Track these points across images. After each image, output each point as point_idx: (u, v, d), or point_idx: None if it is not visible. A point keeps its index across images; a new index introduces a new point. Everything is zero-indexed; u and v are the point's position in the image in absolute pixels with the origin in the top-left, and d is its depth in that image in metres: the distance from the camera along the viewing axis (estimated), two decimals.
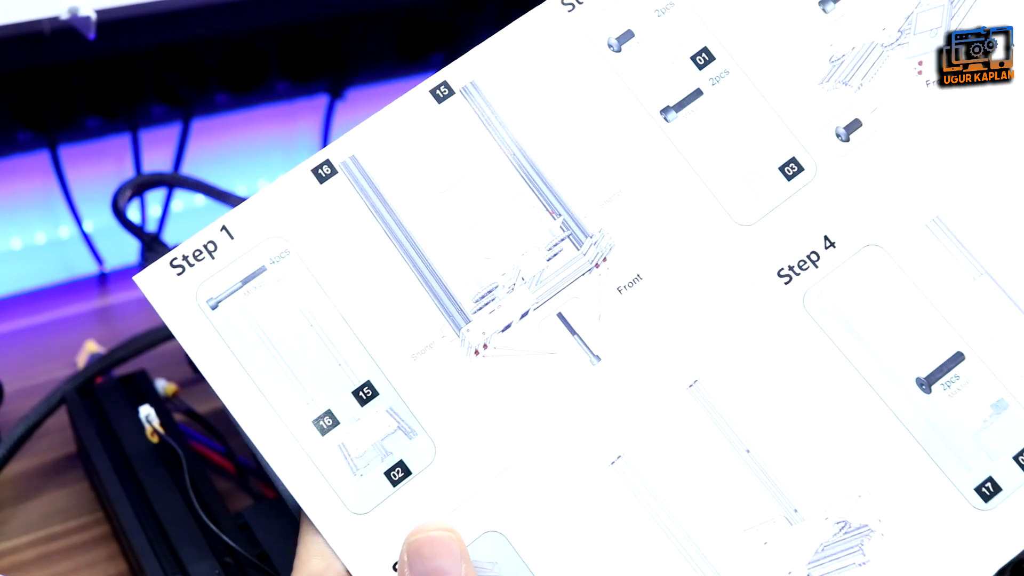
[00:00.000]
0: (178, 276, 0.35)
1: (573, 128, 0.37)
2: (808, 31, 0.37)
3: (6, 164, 0.72)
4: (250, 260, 0.36)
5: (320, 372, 0.35)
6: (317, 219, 0.36)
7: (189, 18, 0.71)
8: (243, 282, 0.36)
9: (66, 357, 0.65)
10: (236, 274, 0.35)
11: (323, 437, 0.34)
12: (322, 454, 0.34)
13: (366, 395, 0.35)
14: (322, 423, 0.35)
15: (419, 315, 0.36)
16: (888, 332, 0.34)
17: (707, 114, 0.36)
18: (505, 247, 0.36)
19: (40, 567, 0.52)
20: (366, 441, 0.34)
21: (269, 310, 0.35)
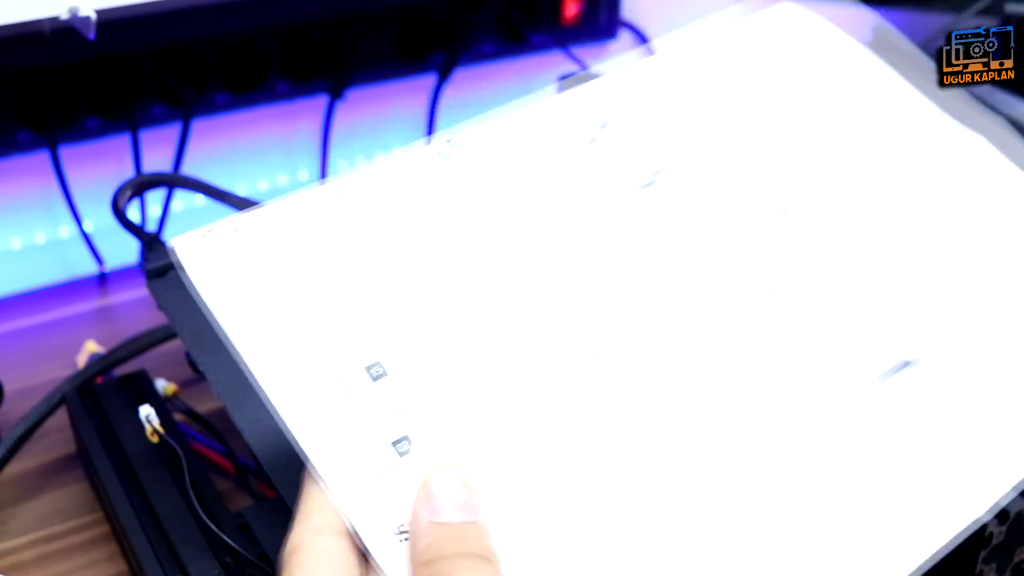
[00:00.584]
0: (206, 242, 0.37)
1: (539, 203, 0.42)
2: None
3: (6, 164, 0.72)
4: (272, 241, 0.38)
5: (334, 345, 0.36)
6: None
7: (189, 18, 0.71)
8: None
9: (66, 357, 0.65)
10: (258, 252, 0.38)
11: (336, 403, 0.35)
12: (339, 415, 0.35)
13: (377, 373, 0.36)
14: (333, 390, 0.36)
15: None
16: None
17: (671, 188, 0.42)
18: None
19: (40, 567, 0.52)
20: (376, 415, 0.36)
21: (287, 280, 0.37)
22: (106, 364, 0.58)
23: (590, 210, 0.41)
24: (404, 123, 0.87)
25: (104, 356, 0.59)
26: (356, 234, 0.39)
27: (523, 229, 0.40)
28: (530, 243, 0.40)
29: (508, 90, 0.91)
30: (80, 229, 0.75)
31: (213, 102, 0.76)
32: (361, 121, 0.84)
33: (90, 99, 0.72)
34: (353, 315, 0.37)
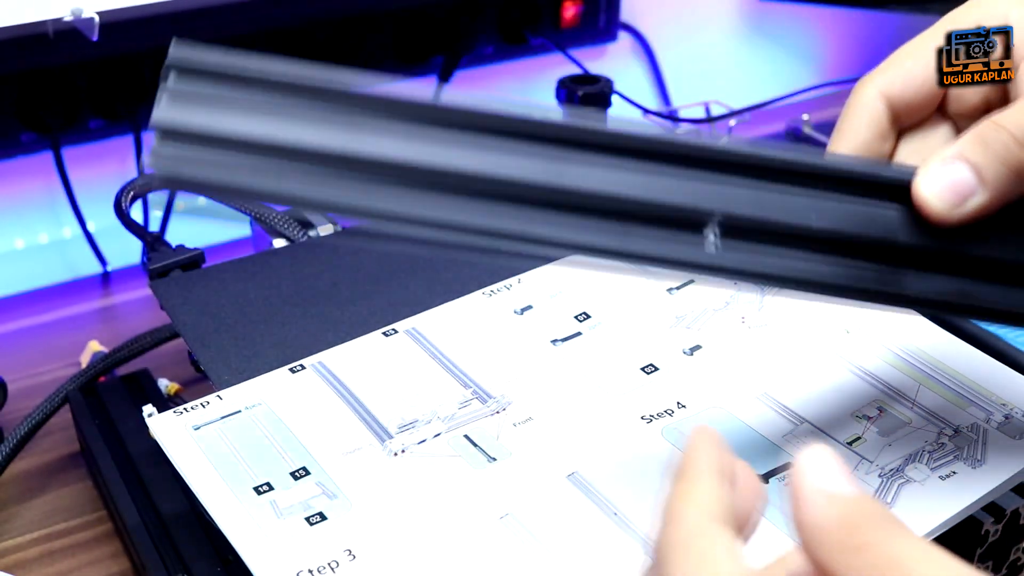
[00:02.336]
0: (176, 416, 0.47)
1: (489, 348, 0.51)
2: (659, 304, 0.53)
3: (10, 165, 0.72)
4: (230, 407, 0.47)
5: (266, 461, 0.44)
6: (288, 392, 0.49)
7: (191, 20, 0.72)
8: (222, 417, 0.47)
9: (69, 356, 0.65)
10: (218, 413, 0.47)
11: (259, 496, 0.43)
12: (254, 506, 0.42)
13: (300, 474, 0.44)
14: (260, 488, 0.43)
15: (354, 433, 0.46)
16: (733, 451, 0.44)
17: (585, 344, 0.51)
18: (429, 401, 0.48)
19: (43, 565, 0.52)
20: (293, 499, 0.43)
21: (237, 430, 0.46)
22: (109, 363, 0.58)
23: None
24: None
25: (107, 355, 0.59)
26: (301, 411, 0.47)
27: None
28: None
29: (508, 91, 0.91)
30: (83, 229, 0.75)
31: None
32: None
33: (93, 100, 0.72)
34: (283, 442, 0.46)
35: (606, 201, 0.34)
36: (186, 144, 0.32)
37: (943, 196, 0.36)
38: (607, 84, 0.76)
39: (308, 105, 0.33)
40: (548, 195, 0.34)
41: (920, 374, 0.48)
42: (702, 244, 0.35)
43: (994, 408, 0.46)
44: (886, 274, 0.36)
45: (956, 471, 0.43)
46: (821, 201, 0.36)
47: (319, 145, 0.33)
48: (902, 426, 0.46)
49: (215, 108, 0.32)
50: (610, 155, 0.34)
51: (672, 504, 0.28)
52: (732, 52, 1.02)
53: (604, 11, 0.90)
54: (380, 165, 0.33)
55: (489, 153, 0.33)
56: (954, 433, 0.45)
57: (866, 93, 0.40)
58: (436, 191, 0.33)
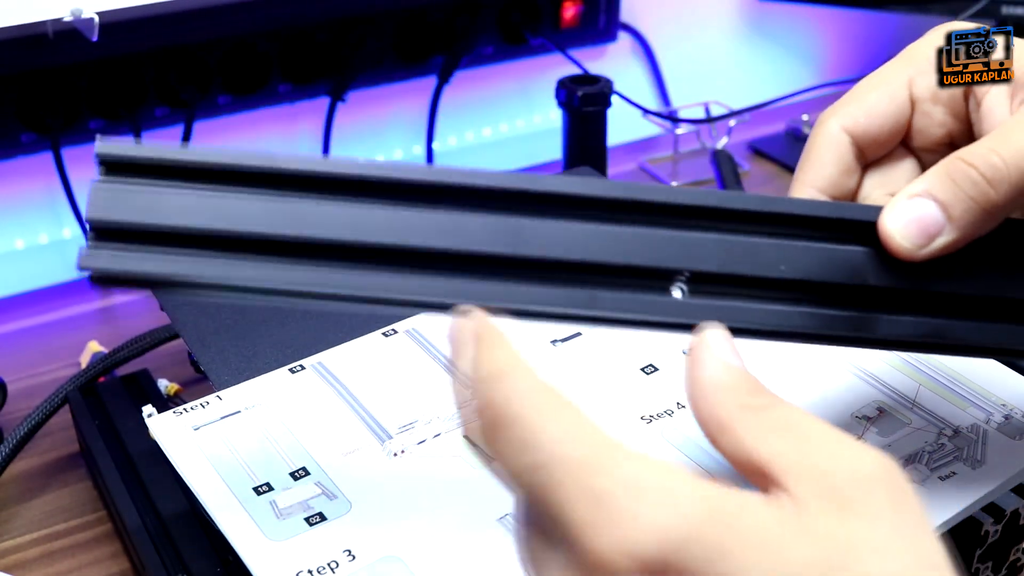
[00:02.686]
0: (176, 416, 0.47)
1: None
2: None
3: (9, 165, 0.72)
4: (230, 407, 0.48)
5: (266, 462, 0.45)
6: (287, 393, 0.49)
7: (191, 20, 0.72)
8: (221, 418, 0.47)
9: (69, 357, 0.65)
10: (218, 414, 0.47)
11: (258, 497, 0.43)
12: (254, 506, 0.42)
13: (300, 475, 0.44)
14: (259, 489, 0.43)
15: (353, 434, 0.46)
16: None
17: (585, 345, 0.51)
18: (428, 401, 0.48)
19: (43, 565, 0.52)
20: (293, 500, 0.43)
21: (236, 430, 0.46)
22: (109, 364, 0.58)
23: None
24: (404, 125, 0.87)
25: (107, 356, 0.59)
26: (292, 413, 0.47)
27: None
28: None
29: (508, 92, 0.91)
30: (83, 230, 0.75)
31: (215, 104, 0.77)
32: (362, 123, 0.85)
33: (93, 101, 0.72)
34: (284, 443, 0.46)
35: (568, 266, 0.33)
36: (119, 241, 0.32)
37: (910, 234, 0.35)
38: (607, 84, 0.76)
39: (241, 189, 0.33)
40: (508, 264, 0.33)
41: (920, 375, 0.48)
42: (669, 300, 0.34)
43: (994, 409, 0.46)
44: (858, 318, 0.36)
45: (956, 472, 0.43)
46: (788, 247, 0.35)
47: (255, 232, 0.32)
48: (902, 427, 0.46)
49: (146, 201, 0.32)
50: (568, 215, 0.34)
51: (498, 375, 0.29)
52: (732, 52, 1.02)
53: (604, 11, 0.90)
54: (322, 246, 0.32)
55: (444, 227, 0.33)
56: (954, 434, 0.45)
57: (829, 127, 0.40)
58: (385, 268, 0.33)
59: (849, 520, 0.26)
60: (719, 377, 0.30)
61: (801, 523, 0.26)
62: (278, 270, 0.32)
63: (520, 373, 0.28)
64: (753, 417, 0.29)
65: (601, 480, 0.25)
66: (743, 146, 0.92)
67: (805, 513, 0.26)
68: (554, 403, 0.27)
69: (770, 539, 0.25)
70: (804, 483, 0.27)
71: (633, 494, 0.25)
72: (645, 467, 0.26)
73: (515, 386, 0.28)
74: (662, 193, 0.34)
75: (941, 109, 0.39)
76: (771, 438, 0.28)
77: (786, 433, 0.28)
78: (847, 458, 0.27)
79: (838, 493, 0.27)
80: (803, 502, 0.26)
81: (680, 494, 0.25)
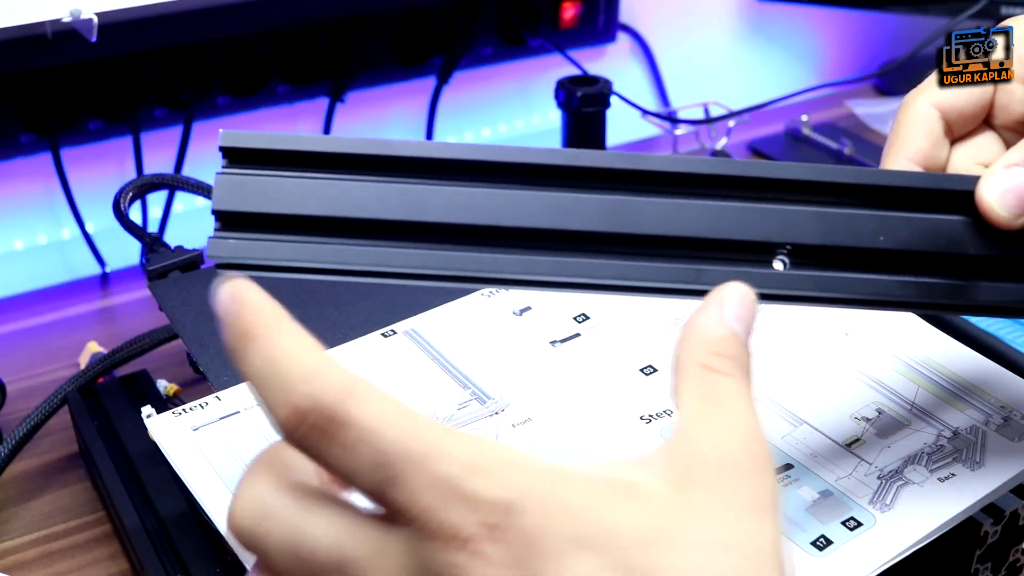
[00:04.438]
0: (175, 417, 0.47)
1: (488, 349, 0.51)
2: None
3: (9, 166, 0.72)
4: (229, 408, 0.47)
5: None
6: None
7: (190, 21, 0.72)
8: (220, 418, 0.47)
9: (68, 357, 0.65)
10: (217, 414, 0.47)
11: None
12: None
13: None
14: None
15: None
16: None
17: (584, 345, 0.51)
18: (428, 402, 0.47)
19: (42, 566, 0.52)
20: None
21: (236, 431, 0.46)
22: (108, 364, 0.58)
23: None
24: (404, 125, 0.87)
25: (106, 356, 0.59)
26: None
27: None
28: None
29: (507, 92, 0.91)
30: (82, 230, 0.75)
31: (214, 104, 0.76)
32: (361, 123, 0.84)
33: (92, 101, 0.72)
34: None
35: (674, 242, 0.35)
36: (244, 229, 0.34)
37: (1007, 204, 0.36)
38: (606, 85, 0.76)
39: (359, 175, 0.34)
40: (615, 242, 0.34)
41: (919, 376, 0.48)
42: (772, 272, 0.35)
43: (993, 410, 0.46)
44: (957, 286, 0.37)
45: (955, 473, 0.43)
46: (887, 218, 0.36)
47: (372, 216, 0.34)
48: (901, 428, 0.46)
49: (268, 189, 0.34)
50: (672, 192, 0.35)
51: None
52: (731, 52, 1.02)
53: (603, 12, 0.90)
54: (435, 227, 0.34)
55: (552, 206, 0.34)
56: (953, 435, 0.45)
57: (919, 104, 0.41)
58: (493, 248, 0.34)
59: (692, 494, 0.28)
60: (707, 328, 0.32)
61: (636, 491, 0.28)
62: (396, 253, 0.34)
63: (332, 368, 0.28)
64: (700, 376, 0.31)
65: (443, 467, 0.27)
66: (742, 147, 0.92)
67: (651, 483, 0.29)
68: (378, 399, 0.28)
69: (597, 503, 0.28)
70: (673, 452, 0.29)
71: (472, 471, 0.27)
72: (479, 447, 0.28)
73: (333, 384, 0.28)
74: (763, 168, 0.35)
75: (1022, 88, 0.40)
76: (694, 402, 0.31)
77: (707, 404, 0.30)
78: (721, 442, 0.29)
79: (694, 470, 0.29)
80: (659, 470, 0.29)
81: (516, 466, 0.28)
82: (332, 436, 0.27)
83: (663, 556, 0.27)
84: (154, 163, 0.76)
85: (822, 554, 0.40)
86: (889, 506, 0.41)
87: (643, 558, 0.27)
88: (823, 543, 0.40)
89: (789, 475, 0.43)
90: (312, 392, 0.27)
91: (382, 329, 0.52)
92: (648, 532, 0.27)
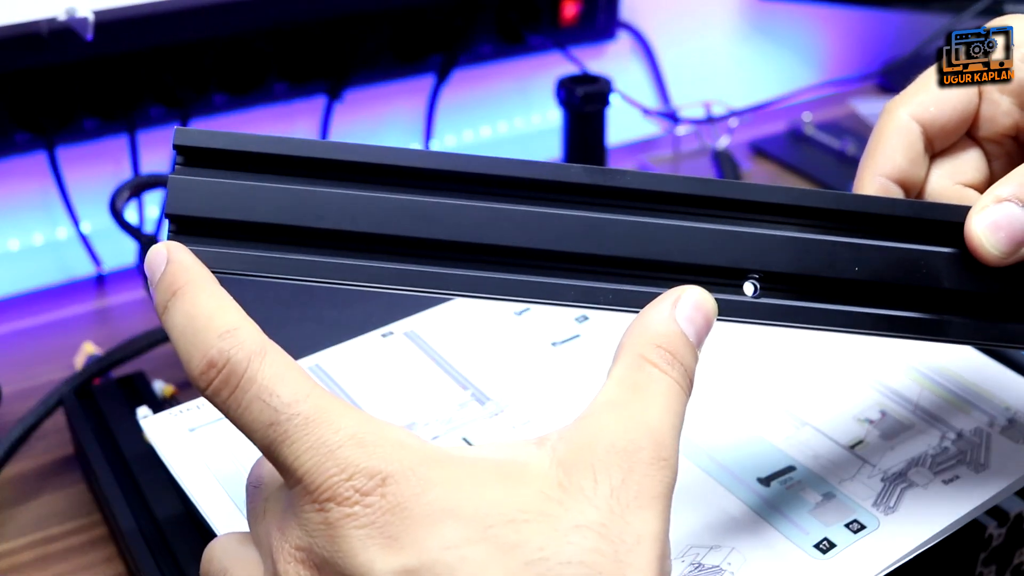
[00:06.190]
0: (171, 418, 0.46)
1: (488, 350, 0.51)
2: None
3: (4, 165, 0.72)
4: None
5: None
6: None
7: (187, 19, 0.71)
8: (217, 419, 0.46)
9: (64, 359, 0.65)
10: (213, 415, 0.46)
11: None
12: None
13: None
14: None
15: None
16: (733, 454, 0.44)
17: (584, 346, 0.50)
18: (427, 403, 0.47)
19: (38, 569, 0.52)
20: None
21: (232, 432, 0.45)
22: (104, 365, 0.58)
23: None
24: (402, 124, 0.87)
25: (102, 358, 0.59)
26: None
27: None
28: None
29: (506, 91, 0.91)
30: (78, 230, 0.75)
31: (211, 103, 0.76)
32: (359, 122, 0.84)
33: (88, 100, 0.72)
34: None
35: (642, 264, 0.34)
36: (199, 235, 0.33)
37: (999, 241, 0.35)
38: (606, 84, 0.75)
39: (322, 180, 0.33)
40: (582, 261, 0.34)
41: (923, 378, 0.48)
42: (741, 299, 0.35)
43: (998, 412, 0.46)
44: (928, 321, 0.36)
45: (959, 475, 0.43)
46: (864, 248, 0.35)
47: (335, 227, 0.33)
48: (905, 430, 0.45)
49: (225, 193, 0.33)
50: (643, 211, 0.34)
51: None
52: (733, 51, 1.01)
53: (603, 10, 0.90)
54: (402, 241, 0.33)
55: (520, 222, 0.34)
56: (957, 437, 0.45)
57: (899, 116, 0.40)
58: (459, 264, 0.34)
59: (578, 478, 0.29)
60: (654, 321, 0.33)
61: (520, 471, 0.30)
62: (358, 264, 0.33)
63: (250, 334, 0.31)
64: (632, 364, 0.32)
65: (328, 433, 0.29)
66: (744, 146, 0.91)
67: (540, 464, 0.30)
68: (284, 363, 0.30)
69: (474, 481, 0.29)
70: (574, 434, 0.31)
71: (356, 443, 0.29)
72: (364, 421, 0.30)
73: (246, 343, 0.30)
74: (739, 190, 0.35)
75: (1008, 99, 0.40)
76: (615, 388, 0.32)
77: (627, 392, 0.31)
78: (623, 429, 0.30)
79: (588, 454, 0.30)
80: (554, 451, 0.30)
81: (400, 444, 0.29)
82: (234, 390, 0.30)
83: (535, 534, 0.28)
84: (151, 162, 0.75)
85: (825, 557, 0.39)
86: (893, 509, 0.41)
87: (514, 535, 0.28)
88: (826, 546, 0.40)
89: (792, 477, 0.43)
90: (225, 348, 0.30)
91: (381, 329, 0.51)
92: (522, 511, 0.28)
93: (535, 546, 0.28)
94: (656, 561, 0.29)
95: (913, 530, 0.40)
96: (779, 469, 0.43)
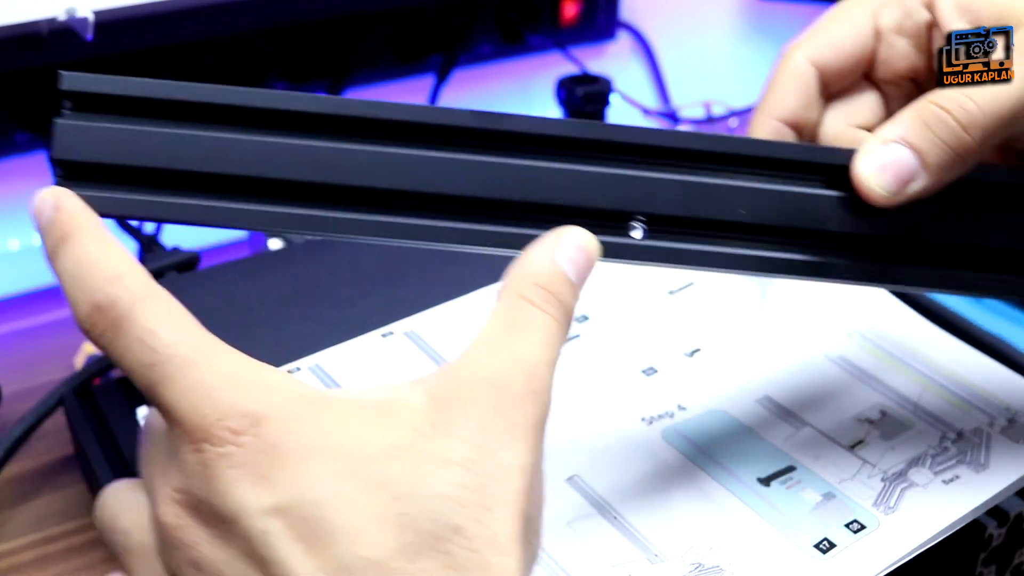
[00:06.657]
0: None
1: None
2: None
3: (4, 165, 0.72)
4: None
5: None
6: None
7: (187, 19, 0.71)
8: None
9: (64, 359, 0.65)
10: None
11: None
12: None
13: None
14: None
15: None
16: (734, 453, 0.45)
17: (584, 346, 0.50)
18: None
19: (37, 569, 0.52)
20: None
21: None
22: (104, 366, 0.58)
23: None
24: None
25: (102, 357, 0.59)
26: None
27: None
28: None
29: (506, 91, 0.91)
30: None
31: None
32: None
33: None
34: None
35: (528, 207, 0.34)
36: (88, 180, 0.33)
37: (884, 181, 0.35)
38: (606, 84, 0.75)
39: (215, 126, 0.33)
40: (465, 204, 0.34)
41: (923, 377, 0.48)
42: (628, 241, 0.35)
43: (998, 412, 0.46)
44: (815, 263, 0.36)
45: (959, 475, 0.43)
46: (751, 189, 0.35)
47: (224, 171, 0.33)
48: (905, 430, 0.45)
49: (115, 138, 0.33)
50: (528, 154, 0.34)
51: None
52: (733, 50, 1.01)
53: (603, 10, 0.90)
54: (292, 185, 0.33)
55: (404, 165, 0.33)
56: (957, 437, 0.45)
57: (795, 59, 0.40)
58: (344, 207, 0.33)
59: (449, 413, 0.30)
60: (534, 262, 0.33)
61: (393, 409, 0.30)
62: (242, 208, 0.33)
63: (134, 274, 0.31)
64: (511, 304, 0.32)
65: (205, 375, 0.29)
66: None
67: (413, 401, 0.30)
68: (168, 307, 0.30)
69: (346, 420, 0.29)
70: (450, 370, 0.31)
71: (232, 385, 0.29)
72: (243, 364, 0.30)
73: (131, 287, 0.30)
74: (625, 133, 0.35)
75: (905, 42, 0.40)
76: (493, 326, 0.32)
77: (503, 330, 0.32)
78: (496, 364, 0.31)
79: (459, 389, 0.30)
80: (428, 388, 0.30)
81: (276, 388, 0.29)
82: (117, 332, 0.30)
83: (403, 471, 0.28)
84: None
85: (825, 557, 0.39)
86: (893, 508, 0.41)
87: (383, 471, 0.28)
88: (826, 546, 0.40)
89: (792, 477, 0.43)
90: (111, 292, 0.30)
91: (381, 329, 0.51)
92: (393, 448, 0.29)
93: (403, 482, 0.28)
94: (522, 492, 0.29)
95: (913, 530, 0.40)
96: (779, 469, 0.43)
